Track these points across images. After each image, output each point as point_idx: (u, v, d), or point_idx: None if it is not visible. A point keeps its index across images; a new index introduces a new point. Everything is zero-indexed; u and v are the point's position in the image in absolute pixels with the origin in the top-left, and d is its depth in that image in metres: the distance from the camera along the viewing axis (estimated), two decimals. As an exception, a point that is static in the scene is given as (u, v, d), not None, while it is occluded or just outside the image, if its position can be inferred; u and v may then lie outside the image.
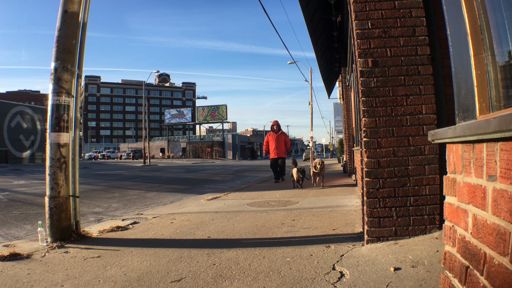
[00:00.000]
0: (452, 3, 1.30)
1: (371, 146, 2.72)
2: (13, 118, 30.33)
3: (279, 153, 9.65)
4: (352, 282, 2.03)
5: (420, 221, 2.65)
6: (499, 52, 1.13)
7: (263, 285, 2.08)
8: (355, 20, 2.78)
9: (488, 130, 0.95)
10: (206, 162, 39.87)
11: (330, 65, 11.91)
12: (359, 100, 2.83)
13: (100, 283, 2.21)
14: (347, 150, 12.31)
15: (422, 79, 2.70)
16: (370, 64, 2.75)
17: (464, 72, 1.24)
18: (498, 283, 0.94)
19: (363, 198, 2.83)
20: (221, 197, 6.67)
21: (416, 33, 2.72)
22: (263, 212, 4.69)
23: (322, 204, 5.20)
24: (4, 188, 9.57)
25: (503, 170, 0.94)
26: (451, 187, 1.35)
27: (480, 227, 1.07)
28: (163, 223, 4.16)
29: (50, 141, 3.46)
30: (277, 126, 9.89)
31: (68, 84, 3.52)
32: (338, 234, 3.20)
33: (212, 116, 64.94)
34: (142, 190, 9.14)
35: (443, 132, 1.34)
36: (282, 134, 9.80)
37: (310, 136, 32.15)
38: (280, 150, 9.65)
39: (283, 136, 9.78)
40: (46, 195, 3.37)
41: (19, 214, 5.43)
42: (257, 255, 2.69)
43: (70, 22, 3.51)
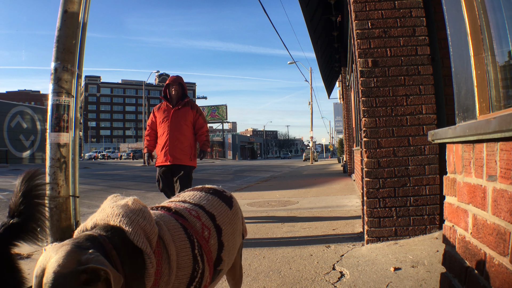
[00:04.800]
0: (452, 3, 1.30)
1: (371, 146, 2.72)
2: (13, 118, 30.32)
3: (177, 154, 4.03)
4: (352, 282, 2.03)
5: (420, 221, 2.65)
6: (499, 52, 1.13)
7: (263, 285, 2.08)
8: (355, 20, 2.78)
9: (488, 130, 0.95)
10: (206, 162, 39.88)
11: (330, 65, 11.91)
12: (359, 100, 2.83)
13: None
14: (347, 150, 12.31)
15: (422, 79, 2.70)
16: (370, 64, 2.75)
17: (464, 72, 1.24)
18: (498, 283, 0.94)
19: (363, 198, 2.83)
20: (221, 197, 6.66)
21: (416, 33, 2.72)
22: (263, 212, 4.69)
23: (322, 204, 5.20)
24: (4, 188, 9.57)
25: (503, 170, 0.94)
26: (451, 187, 1.35)
27: (480, 227, 1.07)
28: (163, 223, 4.16)
29: (50, 141, 3.46)
30: (178, 87, 4.17)
31: (68, 84, 3.51)
32: (338, 234, 3.20)
33: (212, 116, 64.95)
34: (142, 190, 9.14)
35: (443, 132, 1.34)
36: (190, 107, 4.18)
37: (310, 136, 32.19)
38: (179, 146, 4.05)
39: (190, 112, 4.15)
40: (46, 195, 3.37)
41: (19, 214, 5.42)
42: (257, 255, 2.69)
43: (70, 22, 3.51)
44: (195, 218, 1.17)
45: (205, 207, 1.23)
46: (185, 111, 4.13)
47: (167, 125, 4.10)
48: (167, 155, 4.06)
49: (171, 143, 4.04)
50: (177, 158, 4.03)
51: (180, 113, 4.11)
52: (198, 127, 4.21)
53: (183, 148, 4.05)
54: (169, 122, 4.10)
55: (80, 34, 3.60)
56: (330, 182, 9.09)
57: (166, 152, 4.06)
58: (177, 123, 4.09)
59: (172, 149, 4.03)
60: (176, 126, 4.08)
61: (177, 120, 4.09)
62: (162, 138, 4.12)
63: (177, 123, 4.09)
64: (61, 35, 3.49)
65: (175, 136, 4.05)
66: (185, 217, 1.15)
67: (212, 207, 1.26)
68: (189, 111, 4.16)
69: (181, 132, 4.07)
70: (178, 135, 4.06)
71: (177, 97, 4.18)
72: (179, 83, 4.19)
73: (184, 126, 4.10)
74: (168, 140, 4.06)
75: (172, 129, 4.07)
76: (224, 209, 1.28)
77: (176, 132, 4.06)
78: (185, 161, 4.06)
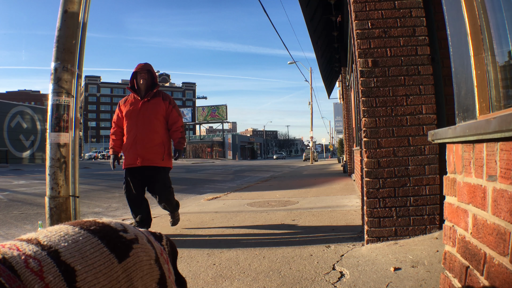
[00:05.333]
0: (452, 3, 1.30)
1: (371, 146, 2.72)
2: (13, 118, 30.32)
3: (148, 154, 3.50)
4: (352, 282, 2.03)
5: (420, 221, 2.65)
6: (499, 52, 1.13)
7: (263, 285, 2.08)
8: (355, 20, 2.78)
9: (488, 130, 0.95)
10: (206, 162, 39.88)
11: (330, 65, 11.90)
12: (359, 100, 2.83)
13: (100, 283, 2.21)
14: (347, 150, 12.31)
15: (422, 79, 2.70)
16: (370, 64, 2.75)
17: (464, 72, 1.24)
18: (498, 283, 0.94)
19: (363, 198, 2.83)
20: (221, 197, 6.67)
21: (416, 33, 2.72)
22: (263, 212, 4.69)
23: (322, 204, 5.20)
24: (4, 188, 9.57)
25: (503, 170, 0.94)
26: (451, 187, 1.35)
27: (480, 227, 1.07)
28: (163, 223, 4.16)
29: (50, 141, 3.45)
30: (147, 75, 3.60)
31: (68, 84, 3.51)
32: (338, 234, 3.20)
33: (212, 116, 64.97)
34: (142, 190, 9.12)
35: (443, 132, 1.34)
36: (162, 98, 3.64)
37: (310, 136, 32.20)
38: (150, 144, 3.51)
39: (161, 103, 3.61)
40: (46, 195, 3.37)
41: (19, 214, 5.43)
42: (257, 255, 2.69)
43: (70, 22, 3.51)
44: (32, 273, 0.61)
45: (61, 254, 0.68)
46: (156, 103, 3.55)
47: (135, 120, 3.51)
48: (135, 155, 3.47)
49: (139, 142, 3.46)
50: (147, 158, 3.46)
51: (150, 106, 3.53)
52: (171, 122, 3.61)
53: (154, 147, 3.48)
54: (137, 116, 3.51)
55: (80, 34, 3.60)
56: (330, 182, 9.09)
57: (134, 152, 3.47)
58: (146, 117, 3.49)
59: (141, 148, 3.46)
60: (146, 121, 3.48)
61: (147, 114, 3.50)
62: (130, 136, 3.51)
63: (147, 117, 3.49)
64: (61, 35, 3.50)
65: (145, 133, 3.47)
66: (16, 272, 0.60)
67: (76, 255, 0.69)
68: (160, 103, 3.56)
69: (151, 128, 3.49)
70: (148, 131, 3.48)
71: (146, 87, 3.58)
72: (147, 70, 3.58)
73: (155, 121, 3.51)
74: (136, 138, 3.47)
75: (140, 125, 3.48)
76: (101, 262, 0.71)
77: (145, 128, 3.48)
78: (157, 161, 3.48)
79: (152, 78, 3.64)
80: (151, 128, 3.49)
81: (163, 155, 3.53)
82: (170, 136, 3.65)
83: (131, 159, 3.48)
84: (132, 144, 3.49)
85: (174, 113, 3.62)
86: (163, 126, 3.58)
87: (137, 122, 3.50)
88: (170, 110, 3.61)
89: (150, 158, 3.47)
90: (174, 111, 3.62)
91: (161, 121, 3.55)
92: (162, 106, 3.57)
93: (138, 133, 3.48)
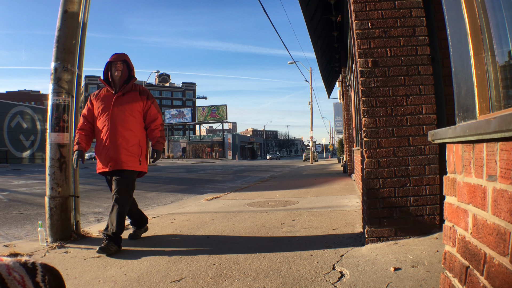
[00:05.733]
0: (452, 3, 1.30)
1: (371, 146, 2.72)
2: (13, 118, 30.33)
3: (122, 156, 3.05)
4: (352, 282, 2.03)
5: (420, 221, 2.65)
6: (499, 52, 1.13)
7: (263, 285, 2.08)
8: (355, 20, 2.78)
9: (488, 130, 0.95)
10: (206, 162, 39.89)
11: (330, 65, 11.91)
12: (359, 100, 2.83)
13: (100, 283, 2.21)
14: (347, 150, 12.31)
15: (422, 79, 2.70)
16: (370, 64, 2.75)
17: (464, 72, 1.24)
18: (498, 283, 0.94)
19: (363, 198, 2.83)
20: (221, 197, 6.67)
21: (416, 33, 2.72)
22: (263, 212, 4.69)
23: (322, 204, 5.20)
24: (4, 188, 9.56)
25: (503, 170, 0.94)
26: (451, 187, 1.35)
27: (480, 227, 1.07)
28: (163, 223, 4.16)
29: (50, 141, 3.46)
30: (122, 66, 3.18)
31: (68, 84, 3.52)
32: (338, 234, 3.20)
33: (212, 116, 64.98)
34: (142, 190, 9.13)
35: (443, 132, 1.34)
36: (139, 93, 3.22)
37: (310, 136, 32.21)
38: (124, 145, 3.06)
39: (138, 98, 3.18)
40: (46, 195, 3.37)
41: (19, 214, 5.43)
42: (257, 255, 2.69)
43: (70, 22, 3.52)
44: None
45: None
46: (131, 98, 3.14)
47: (108, 117, 3.07)
48: (107, 158, 3.04)
49: (112, 142, 3.03)
50: (121, 161, 3.03)
51: (125, 101, 3.11)
52: (150, 119, 3.20)
53: (130, 148, 3.06)
54: (110, 113, 3.07)
55: (80, 34, 3.61)
56: (330, 182, 9.09)
57: (106, 155, 3.05)
58: (120, 114, 3.07)
59: (114, 149, 3.03)
60: (119, 119, 3.06)
61: (121, 110, 3.08)
62: (102, 135, 3.08)
63: (121, 114, 3.07)
64: (61, 35, 3.50)
65: (118, 131, 3.04)
66: None
67: None
68: (136, 97, 3.16)
69: (126, 126, 3.07)
70: (122, 130, 3.05)
71: (121, 79, 3.17)
72: (123, 60, 3.18)
73: (130, 117, 3.09)
74: (108, 138, 3.04)
75: (113, 123, 3.05)
76: None
77: (119, 127, 3.05)
78: (132, 165, 3.06)
79: (129, 70, 3.24)
80: (126, 126, 3.07)
81: (139, 158, 3.12)
82: (148, 136, 3.25)
83: (103, 163, 3.08)
84: (104, 146, 3.06)
85: (152, 109, 3.22)
86: (140, 124, 3.18)
87: (109, 119, 3.06)
88: (148, 106, 3.20)
89: (124, 161, 3.03)
90: (152, 107, 3.22)
91: (138, 119, 3.15)
92: (139, 102, 3.16)
93: (111, 132, 3.04)
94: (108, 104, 3.10)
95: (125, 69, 3.21)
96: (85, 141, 3.16)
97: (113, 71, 3.15)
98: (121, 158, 3.03)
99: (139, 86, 3.28)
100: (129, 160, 3.06)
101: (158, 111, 3.26)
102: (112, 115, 3.07)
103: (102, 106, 3.12)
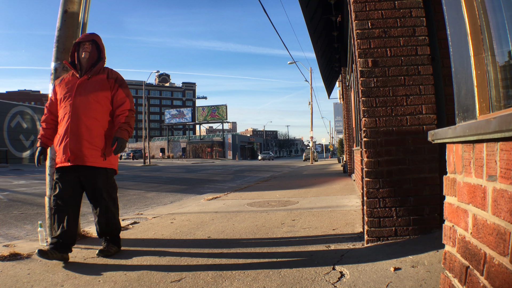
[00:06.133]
0: (452, 3, 1.30)
1: (371, 146, 2.72)
2: (13, 118, 30.35)
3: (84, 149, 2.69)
4: (352, 282, 2.03)
5: (420, 221, 2.65)
6: (499, 52, 1.13)
7: (263, 285, 2.08)
8: (355, 20, 2.78)
9: (488, 130, 0.95)
10: (206, 162, 39.90)
11: (330, 65, 11.91)
12: (359, 100, 2.83)
13: (100, 283, 2.21)
14: (347, 150, 12.31)
15: (422, 79, 2.70)
16: (370, 64, 2.75)
17: (464, 72, 1.24)
18: (498, 283, 0.94)
19: (363, 198, 2.83)
20: (221, 197, 6.67)
21: (416, 33, 2.72)
22: (263, 212, 4.69)
23: (322, 204, 5.20)
24: (4, 188, 9.57)
25: (503, 170, 0.94)
26: (451, 187, 1.35)
27: (480, 227, 1.07)
28: (163, 223, 4.16)
29: (50, 141, 3.44)
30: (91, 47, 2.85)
31: (68, 84, 3.51)
32: (338, 234, 3.20)
33: (212, 116, 65.01)
34: (142, 190, 9.13)
35: (443, 132, 1.34)
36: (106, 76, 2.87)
37: (310, 136, 32.22)
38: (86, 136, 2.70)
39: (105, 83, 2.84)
40: (46, 195, 3.37)
41: (19, 214, 5.43)
42: (257, 255, 2.69)
43: (70, 22, 3.51)
44: None
45: None
46: (98, 83, 2.79)
47: (70, 104, 2.71)
48: (66, 150, 2.65)
49: (73, 132, 2.66)
50: (82, 155, 2.66)
51: (90, 86, 2.76)
52: (116, 104, 2.83)
53: (92, 140, 2.69)
54: (72, 99, 2.71)
55: (80, 34, 3.61)
56: (330, 182, 9.09)
57: (65, 146, 2.66)
58: (84, 100, 2.71)
59: (74, 141, 2.65)
60: (83, 105, 2.70)
61: (85, 96, 2.72)
62: (62, 126, 2.73)
63: (85, 100, 2.71)
64: (61, 35, 3.50)
65: (81, 120, 2.68)
66: None
67: None
68: (103, 82, 2.81)
69: (89, 114, 2.70)
70: (85, 118, 2.69)
71: (89, 62, 2.82)
72: (92, 40, 2.84)
73: (95, 104, 2.74)
74: (69, 128, 2.67)
75: (76, 111, 2.69)
76: None
77: (82, 115, 2.68)
78: (93, 160, 2.69)
79: (99, 51, 2.89)
80: (89, 114, 2.70)
81: (103, 151, 2.74)
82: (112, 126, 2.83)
83: (62, 157, 2.68)
84: (64, 136, 2.68)
85: (120, 93, 2.84)
86: (107, 112, 2.81)
87: (71, 106, 2.70)
88: (116, 89, 2.83)
89: (86, 155, 2.67)
90: (120, 91, 2.84)
91: (104, 106, 2.79)
92: (106, 86, 2.80)
93: (72, 121, 2.67)
94: (72, 89, 2.75)
95: (94, 50, 2.86)
96: (48, 135, 2.83)
97: (80, 53, 2.81)
98: (82, 151, 2.66)
99: (108, 69, 2.92)
100: (91, 154, 2.68)
101: (127, 95, 2.87)
102: (74, 101, 2.70)
103: (65, 92, 2.77)
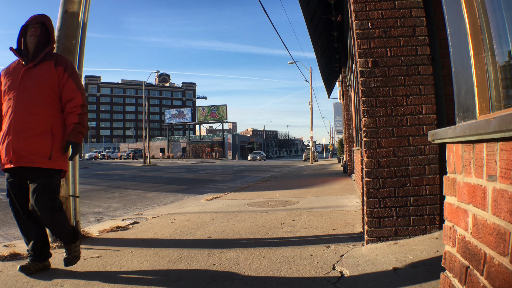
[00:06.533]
0: (452, 3, 1.30)
1: (371, 146, 2.72)
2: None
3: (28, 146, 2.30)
4: (352, 282, 2.03)
5: (420, 221, 2.65)
6: (499, 52, 1.13)
7: (263, 285, 2.08)
8: (355, 20, 2.78)
9: (488, 130, 0.95)
10: (206, 162, 39.90)
11: (330, 65, 11.91)
12: (359, 100, 2.83)
13: (100, 283, 2.21)
14: (347, 150, 12.31)
15: (422, 79, 2.70)
16: (370, 64, 2.75)
17: (464, 72, 1.24)
18: (498, 283, 0.94)
19: (363, 198, 2.83)
20: (221, 197, 6.67)
21: (416, 33, 2.72)
22: (263, 212, 4.69)
23: (322, 204, 5.20)
24: (4, 188, 9.56)
25: (503, 170, 0.94)
26: (451, 187, 1.35)
27: (480, 227, 1.07)
28: (163, 223, 4.16)
29: (50, 141, 3.44)
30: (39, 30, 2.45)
31: (68, 84, 3.51)
32: (338, 234, 3.20)
33: (212, 116, 64.99)
34: (142, 190, 9.14)
35: (443, 132, 1.34)
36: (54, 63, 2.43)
37: (310, 136, 32.22)
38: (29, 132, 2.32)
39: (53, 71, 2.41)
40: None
41: (19, 214, 5.42)
42: (257, 255, 2.69)
43: (70, 22, 3.51)
44: None
45: None
46: (43, 70, 2.41)
47: (13, 96, 2.36)
48: (9, 150, 2.32)
49: (15, 129, 2.32)
50: (24, 155, 2.31)
51: (35, 75, 2.40)
52: (65, 99, 2.44)
53: (35, 137, 2.33)
54: (15, 91, 2.37)
55: (80, 34, 3.61)
56: (330, 182, 9.09)
57: (8, 146, 2.32)
58: (28, 92, 2.36)
59: (16, 139, 2.31)
60: (27, 98, 2.35)
61: (29, 86, 2.37)
62: (5, 121, 2.38)
63: (29, 92, 2.36)
64: (61, 35, 3.50)
65: (23, 115, 2.33)
66: None
67: None
68: (50, 69, 2.42)
69: (31, 109, 2.34)
70: (28, 113, 2.34)
71: (36, 47, 2.43)
72: (41, 23, 2.47)
73: (38, 96, 2.36)
74: (11, 124, 2.33)
75: (19, 103, 2.34)
76: None
77: (24, 109, 2.34)
78: (38, 160, 2.32)
79: (48, 35, 2.51)
80: (31, 109, 2.34)
81: (50, 150, 2.34)
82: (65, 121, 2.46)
83: (5, 157, 2.35)
84: (7, 134, 2.34)
85: (70, 84, 2.43)
86: (53, 104, 2.42)
87: (15, 99, 2.35)
88: (65, 80, 2.43)
89: (30, 154, 2.30)
90: (70, 82, 2.44)
91: (49, 98, 2.39)
92: (53, 75, 2.41)
93: (15, 116, 2.32)
94: (16, 79, 2.39)
95: (43, 34, 2.47)
96: None
97: (28, 37, 2.43)
98: (26, 149, 2.30)
99: (57, 54, 2.54)
100: (35, 153, 2.31)
101: (78, 88, 2.47)
102: (17, 93, 2.35)
103: (9, 82, 2.41)
